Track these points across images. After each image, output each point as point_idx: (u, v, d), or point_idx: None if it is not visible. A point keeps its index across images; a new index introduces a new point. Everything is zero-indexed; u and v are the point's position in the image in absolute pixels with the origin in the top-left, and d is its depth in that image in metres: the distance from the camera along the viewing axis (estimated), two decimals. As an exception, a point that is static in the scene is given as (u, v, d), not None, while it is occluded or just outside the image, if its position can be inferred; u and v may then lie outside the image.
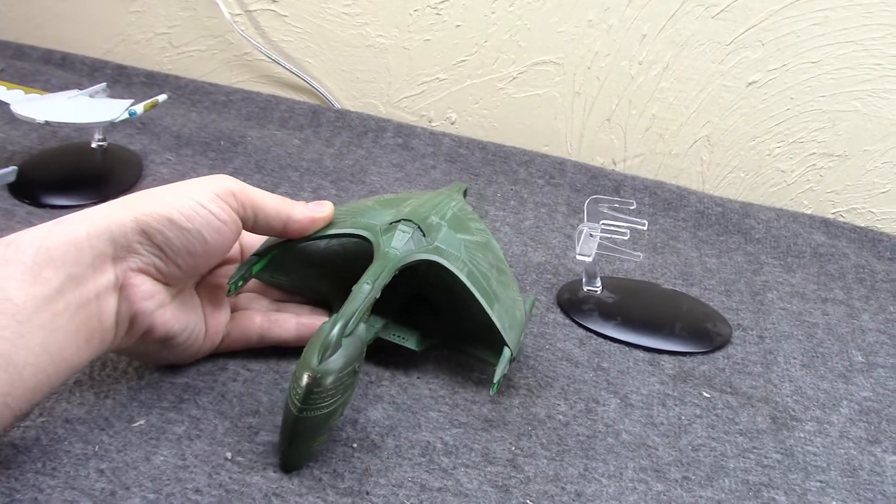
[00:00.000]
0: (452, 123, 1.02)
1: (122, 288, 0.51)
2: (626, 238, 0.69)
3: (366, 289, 0.55)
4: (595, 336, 0.69)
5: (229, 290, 0.58)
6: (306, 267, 0.66)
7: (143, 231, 0.51)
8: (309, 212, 0.58)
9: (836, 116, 0.90)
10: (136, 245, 0.51)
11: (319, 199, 0.82)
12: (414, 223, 0.60)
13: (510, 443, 0.56)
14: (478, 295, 0.58)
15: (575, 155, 0.99)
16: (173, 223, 0.52)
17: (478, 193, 0.89)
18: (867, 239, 0.89)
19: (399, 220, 0.60)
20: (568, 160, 0.95)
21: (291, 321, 0.60)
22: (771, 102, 0.91)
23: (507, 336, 0.58)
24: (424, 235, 0.60)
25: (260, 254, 0.61)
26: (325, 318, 0.60)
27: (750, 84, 0.91)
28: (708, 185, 0.96)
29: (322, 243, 0.68)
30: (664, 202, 0.91)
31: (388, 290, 0.58)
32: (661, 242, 0.85)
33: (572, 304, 0.72)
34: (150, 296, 0.52)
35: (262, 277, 0.64)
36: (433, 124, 1.02)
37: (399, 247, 0.58)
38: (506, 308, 0.60)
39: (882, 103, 0.88)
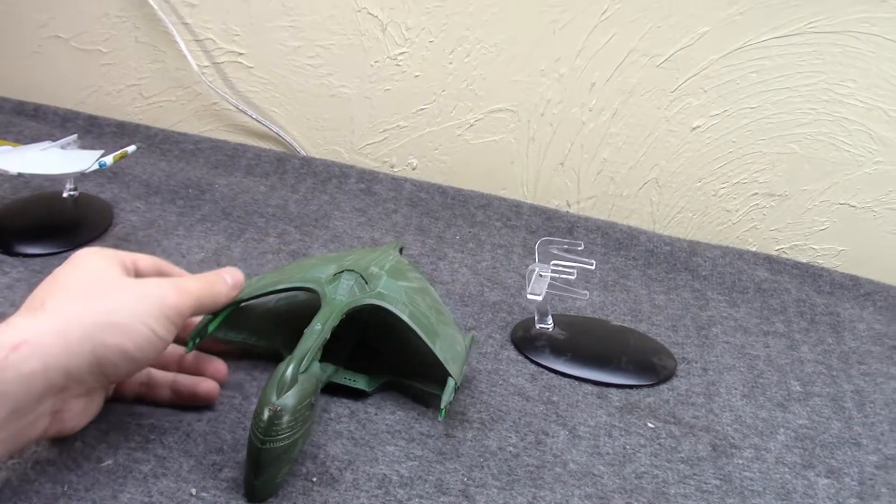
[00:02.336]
0: (413, 169, 1.06)
1: (55, 412, 0.52)
2: (573, 277, 0.73)
3: (316, 329, 0.59)
4: (546, 371, 0.73)
5: (187, 347, 0.63)
6: (258, 324, 0.70)
7: (98, 364, 0.52)
8: (229, 289, 0.63)
9: (775, 158, 0.95)
10: (86, 377, 0.52)
11: (285, 242, 0.86)
12: (356, 272, 0.64)
13: (463, 474, 0.59)
14: (420, 332, 0.62)
15: (531, 198, 1.03)
16: (127, 355, 0.53)
17: (437, 236, 0.93)
18: (808, 274, 0.93)
19: (342, 271, 0.65)
20: (524, 203, 0.99)
21: (167, 389, 0.62)
22: (714, 146, 0.96)
23: (450, 367, 0.62)
24: (366, 283, 0.64)
25: (215, 313, 0.65)
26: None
27: (694, 129, 0.96)
28: (658, 224, 1.01)
29: (272, 301, 0.72)
30: (616, 242, 0.95)
31: (335, 339, 0.63)
32: (612, 281, 0.89)
33: (525, 341, 0.75)
34: (77, 414, 0.54)
35: (217, 336, 0.68)
36: (395, 170, 1.06)
37: (344, 294, 0.63)
38: (447, 343, 0.64)
39: (818, 145, 0.93)
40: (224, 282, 0.62)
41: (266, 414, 0.53)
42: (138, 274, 0.60)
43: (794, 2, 0.89)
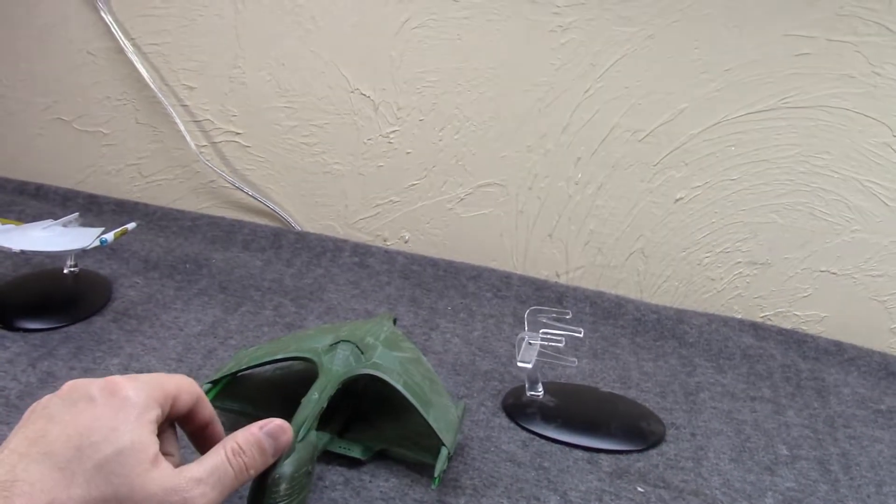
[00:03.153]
0: (406, 242, 1.08)
1: None
2: (562, 345, 0.75)
3: (314, 398, 0.61)
4: (537, 438, 0.74)
5: None
6: (255, 393, 0.72)
7: None
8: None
9: (756, 228, 0.98)
10: None
11: (280, 315, 0.88)
12: (352, 343, 0.66)
13: (456, 540, 0.60)
14: (414, 402, 0.64)
15: (520, 269, 1.06)
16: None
17: (430, 307, 0.95)
18: (793, 340, 0.95)
19: (339, 342, 0.67)
20: (514, 274, 1.01)
21: None
22: (697, 216, 0.99)
23: (444, 436, 0.63)
24: (362, 353, 0.66)
25: (213, 381, 0.68)
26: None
27: (677, 200, 0.99)
28: (645, 293, 1.03)
29: (269, 371, 0.74)
30: (604, 311, 0.97)
31: (331, 409, 0.64)
32: (601, 349, 0.91)
33: (516, 408, 0.77)
34: None
35: (216, 405, 0.69)
36: (388, 243, 1.09)
37: (340, 364, 0.65)
38: (440, 412, 0.65)
39: (796, 215, 0.96)
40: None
41: (264, 481, 0.55)
42: (175, 408, 0.54)
43: (767, 79, 0.93)
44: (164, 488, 0.47)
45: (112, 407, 0.49)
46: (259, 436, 0.53)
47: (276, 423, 0.54)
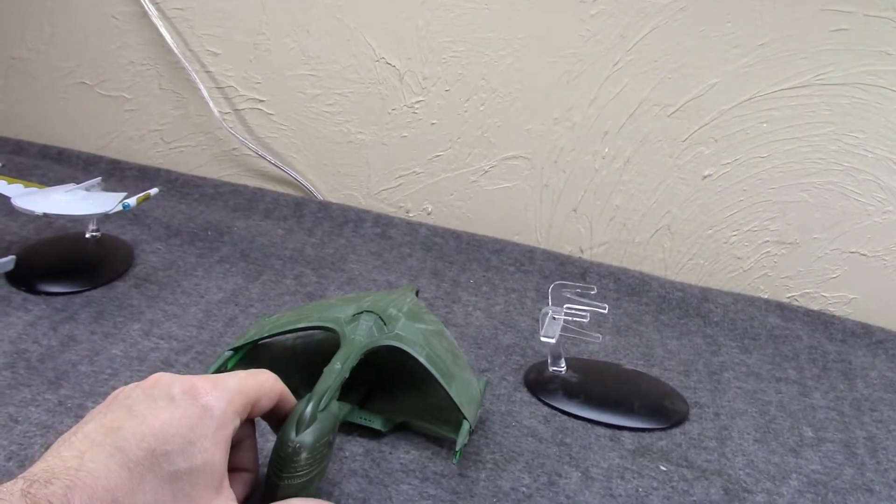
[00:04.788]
0: (429, 214, 1.07)
1: None
2: (587, 321, 0.74)
3: (336, 368, 0.60)
4: (559, 413, 0.73)
5: None
6: (276, 362, 0.71)
7: None
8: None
9: (785, 207, 0.96)
10: None
11: (302, 284, 0.88)
12: (375, 314, 0.66)
13: (476, 513, 0.60)
14: (437, 375, 0.63)
15: (544, 243, 1.04)
16: None
17: (452, 280, 0.94)
18: (820, 322, 0.94)
19: (362, 312, 0.66)
20: (537, 248, 1.00)
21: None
22: (725, 194, 0.97)
23: (465, 410, 0.63)
24: (385, 324, 0.65)
25: (235, 349, 0.67)
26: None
27: (705, 177, 0.97)
28: (669, 271, 1.02)
29: (290, 339, 0.74)
30: (628, 287, 0.96)
31: (352, 379, 0.64)
32: (624, 326, 0.90)
33: (538, 383, 0.76)
34: None
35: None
36: (410, 215, 1.08)
37: (363, 334, 0.64)
38: (462, 386, 0.64)
39: (827, 194, 0.94)
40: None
41: (285, 451, 0.54)
42: (255, 411, 0.54)
43: (801, 55, 0.90)
44: None
45: (191, 414, 0.48)
46: None
47: None
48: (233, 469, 0.53)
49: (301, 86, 1.06)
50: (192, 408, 0.48)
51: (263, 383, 0.53)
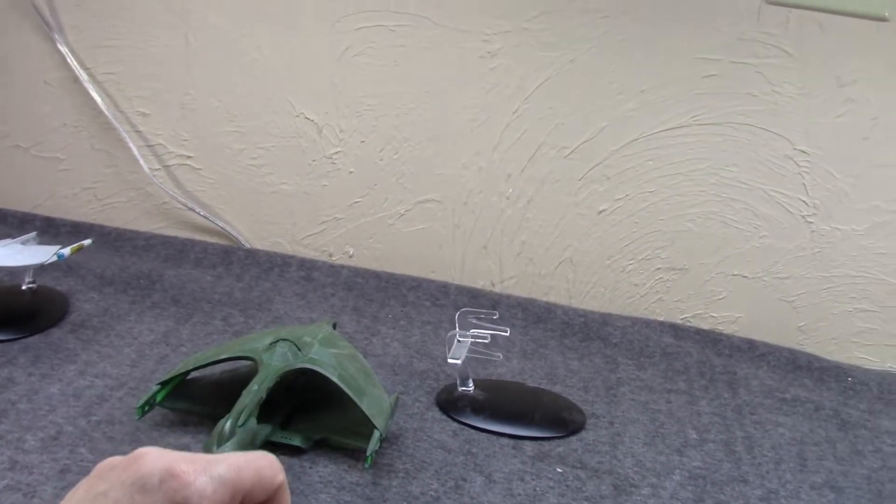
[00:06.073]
0: (351, 256, 1.15)
1: None
2: (488, 341, 0.82)
3: (254, 389, 0.67)
4: (467, 428, 0.80)
5: (137, 415, 0.70)
6: (204, 394, 0.78)
7: None
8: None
9: (674, 236, 1.06)
10: None
11: (229, 324, 0.94)
12: (290, 341, 0.73)
13: (387, 515, 0.66)
14: (348, 391, 0.70)
15: (458, 279, 1.12)
16: None
17: (372, 316, 1.01)
18: (709, 339, 1.03)
19: (278, 340, 0.73)
20: (452, 284, 1.08)
21: None
22: (620, 227, 1.06)
23: (376, 421, 0.70)
24: (300, 350, 0.72)
25: (162, 383, 0.74)
26: None
27: (601, 212, 1.06)
28: (574, 300, 1.10)
29: (217, 373, 0.80)
30: (534, 316, 1.04)
31: (274, 404, 0.71)
32: (531, 350, 0.98)
33: (448, 402, 0.83)
34: None
35: (165, 405, 0.76)
36: (333, 258, 1.15)
37: (279, 360, 0.71)
38: (373, 401, 0.72)
39: (709, 223, 1.04)
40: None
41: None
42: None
43: (678, 99, 1.01)
44: None
45: None
46: None
47: None
48: None
49: (226, 141, 1.13)
50: (174, 498, 0.42)
51: (261, 470, 0.45)
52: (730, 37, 0.99)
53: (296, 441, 0.73)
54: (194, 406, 0.76)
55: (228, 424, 0.62)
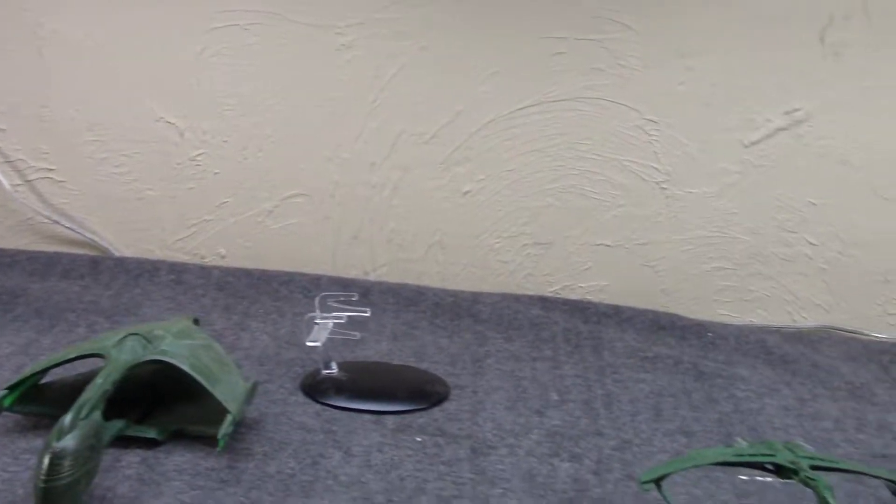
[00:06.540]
0: (223, 257, 1.14)
1: None
2: (343, 322, 0.83)
3: (97, 383, 0.67)
4: (329, 408, 0.81)
5: None
6: (58, 397, 0.76)
7: None
8: None
9: (537, 211, 1.08)
10: None
11: (94, 331, 0.93)
12: (140, 335, 0.73)
13: (241, 495, 0.67)
14: (200, 379, 0.71)
15: (331, 270, 1.13)
16: None
17: (242, 312, 1.01)
18: (577, 308, 1.06)
19: (128, 335, 0.73)
20: (324, 275, 1.09)
21: None
22: (484, 206, 1.09)
23: (229, 405, 0.70)
24: (150, 343, 0.72)
25: (10, 387, 0.73)
26: None
27: (465, 193, 1.09)
28: (446, 281, 1.12)
29: (71, 377, 0.79)
30: (406, 300, 1.05)
31: (128, 401, 0.71)
32: (401, 332, 0.99)
33: (312, 386, 0.84)
34: None
35: (14, 410, 0.74)
36: (206, 260, 1.15)
37: (128, 353, 0.71)
38: (227, 387, 0.72)
39: (569, 196, 1.07)
40: None
41: (47, 455, 0.60)
42: None
43: (530, 78, 1.04)
44: None
45: None
46: None
47: None
48: None
49: (88, 151, 1.12)
50: None
51: None
52: (574, 14, 1.02)
53: (151, 434, 0.73)
54: (47, 409, 0.75)
55: (69, 418, 0.62)
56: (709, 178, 1.06)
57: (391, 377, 0.87)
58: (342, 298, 0.86)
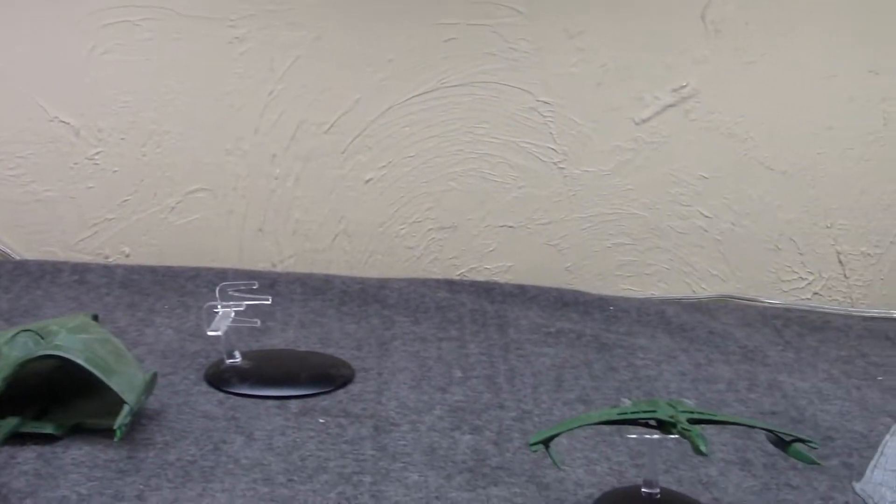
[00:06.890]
0: (127, 256, 1.13)
1: None
2: (242, 310, 0.83)
3: None
4: (233, 396, 0.81)
5: None
6: None
7: None
8: None
9: (440, 196, 1.10)
10: None
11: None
12: (33, 331, 0.72)
13: (140, 483, 0.67)
14: (95, 372, 0.71)
15: (238, 264, 1.13)
16: None
17: (147, 308, 1.00)
18: (483, 289, 1.08)
19: (19, 332, 0.72)
20: (231, 269, 1.09)
21: None
22: (387, 193, 1.10)
23: (126, 396, 0.70)
24: (43, 339, 0.72)
25: None
26: None
27: (367, 181, 1.10)
28: (354, 269, 1.13)
29: None
30: (313, 289, 1.06)
31: (24, 398, 0.71)
32: (309, 320, 1.00)
33: (216, 376, 0.84)
34: None
35: None
36: (109, 259, 1.13)
37: (19, 349, 0.70)
38: (124, 378, 0.72)
39: (470, 180, 1.09)
40: None
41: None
42: None
43: (424, 65, 1.06)
44: None
45: None
46: None
47: None
48: None
49: (-19, 154, 1.10)
50: None
51: None
52: (465, 1, 1.04)
53: (48, 429, 0.72)
54: None
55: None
56: (604, 156, 1.09)
57: (296, 363, 0.87)
58: (242, 287, 0.86)
